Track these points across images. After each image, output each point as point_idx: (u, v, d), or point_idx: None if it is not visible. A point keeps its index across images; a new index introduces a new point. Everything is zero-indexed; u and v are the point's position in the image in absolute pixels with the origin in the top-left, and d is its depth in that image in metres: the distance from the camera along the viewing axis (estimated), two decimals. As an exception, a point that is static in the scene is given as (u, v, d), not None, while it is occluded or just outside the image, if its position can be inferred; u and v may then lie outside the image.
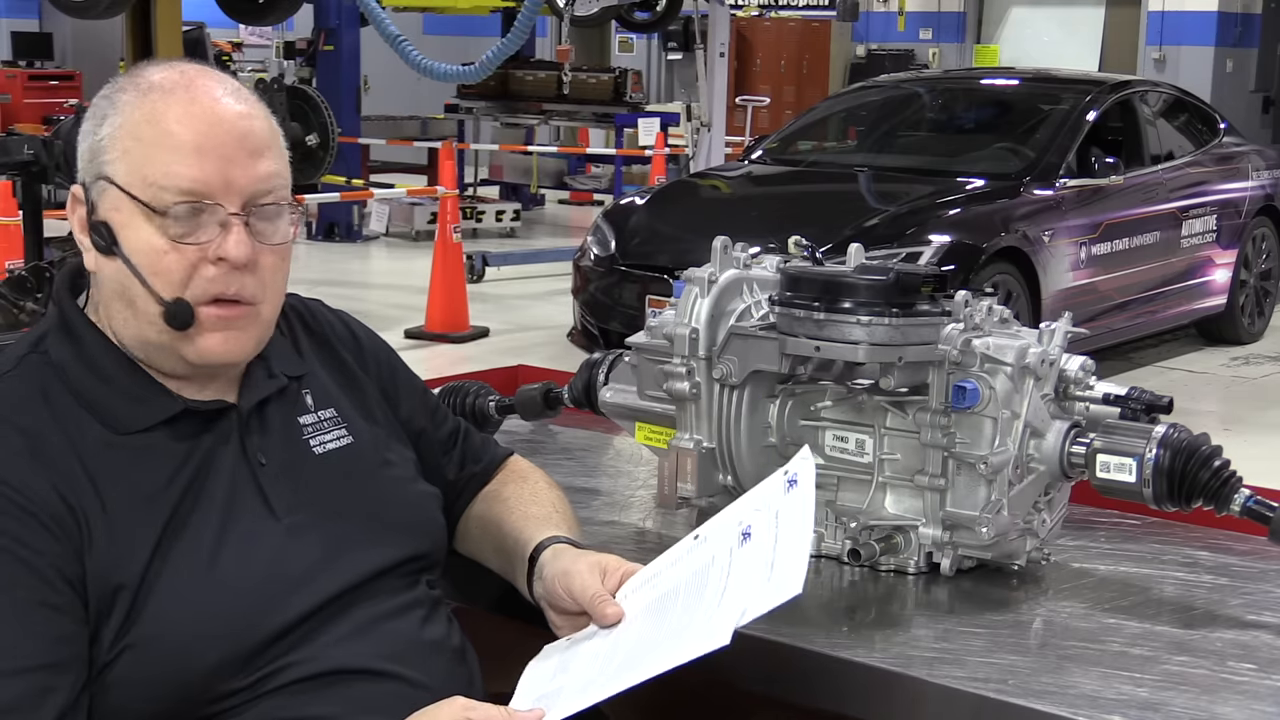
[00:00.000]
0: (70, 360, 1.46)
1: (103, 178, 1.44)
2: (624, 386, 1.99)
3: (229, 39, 16.56)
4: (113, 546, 1.37)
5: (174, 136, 1.42)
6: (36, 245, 6.40)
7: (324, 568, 1.47)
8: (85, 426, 1.42)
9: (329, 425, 1.57)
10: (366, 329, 1.74)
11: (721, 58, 10.35)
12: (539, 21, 12.67)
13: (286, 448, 1.52)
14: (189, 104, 1.44)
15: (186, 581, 1.39)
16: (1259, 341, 8.58)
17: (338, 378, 1.63)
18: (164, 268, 1.43)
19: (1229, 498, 1.65)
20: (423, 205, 11.97)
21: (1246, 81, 16.69)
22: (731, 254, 1.83)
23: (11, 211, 6.77)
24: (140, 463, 1.42)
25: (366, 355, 1.69)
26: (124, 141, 1.43)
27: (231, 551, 1.42)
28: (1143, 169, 7.76)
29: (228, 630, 1.39)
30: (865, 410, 1.78)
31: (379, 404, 1.66)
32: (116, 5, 9.05)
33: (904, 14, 18.06)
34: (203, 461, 1.45)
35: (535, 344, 7.98)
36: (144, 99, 1.44)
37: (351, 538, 1.51)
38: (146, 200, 1.42)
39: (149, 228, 1.42)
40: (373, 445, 1.60)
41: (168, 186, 1.41)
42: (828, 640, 1.56)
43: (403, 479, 1.62)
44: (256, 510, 1.46)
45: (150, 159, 1.42)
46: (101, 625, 1.36)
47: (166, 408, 1.46)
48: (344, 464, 1.55)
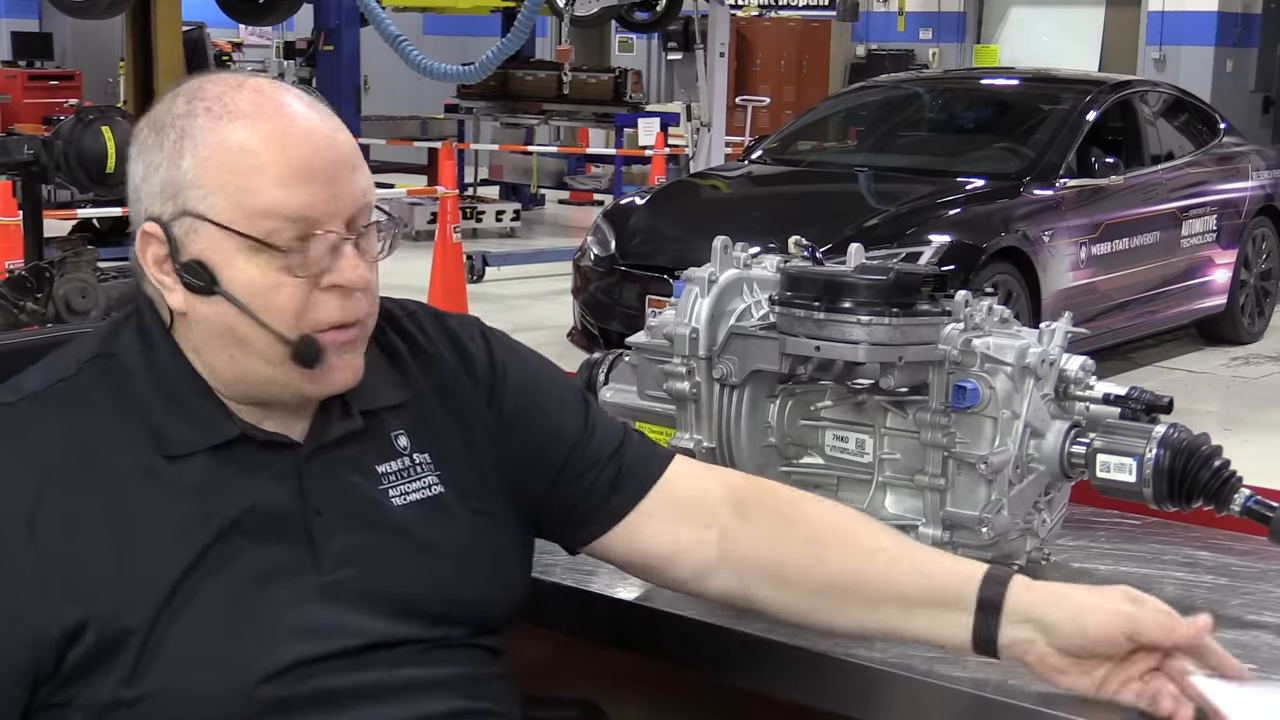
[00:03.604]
0: (140, 369, 1.36)
1: (191, 214, 1.32)
2: (624, 386, 1.99)
3: (229, 39, 16.57)
4: (123, 587, 1.28)
5: (274, 164, 1.31)
6: (36, 245, 6.40)
7: (344, 625, 1.34)
8: (130, 447, 1.33)
9: (421, 470, 1.42)
10: (513, 348, 1.58)
11: (721, 58, 10.36)
12: (539, 21, 12.66)
13: (354, 499, 1.38)
14: (281, 126, 1.32)
15: (206, 629, 1.29)
16: (1259, 341, 8.58)
17: (447, 407, 1.47)
18: (279, 304, 1.32)
19: (1229, 498, 1.65)
20: (423, 205, 11.96)
21: (1246, 81, 16.69)
22: (731, 254, 1.83)
23: (11, 211, 6.77)
24: (179, 494, 1.32)
25: (497, 372, 1.52)
26: (217, 175, 1.31)
27: (264, 603, 1.31)
28: (1143, 169, 7.76)
29: (243, 680, 1.29)
30: (865, 410, 1.78)
31: (493, 432, 1.48)
32: (116, 5, 9.05)
33: (904, 14, 18.06)
34: (251, 501, 1.33)
35: (535, 344, 7.87)
36: (228, 125, 1.32)
37: (396, 603, 1.37)
38: (255, 235, 1.31)
39: (256, 263, 1.32)
40: (466, 491, 1.44)
41: (275, 216, 1.31)
42: (828, 640, 1.56)
43: (489, 532, 1.46)
44: (301, 564, 1.34)
45: (251, 190, 1.31)
46: (101, 671, 1.27)
47: (222, 431, 1.35)
48: (426, 517, 1.40)
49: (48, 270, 5.83)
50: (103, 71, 14.45)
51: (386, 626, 1.36)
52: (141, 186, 1.36)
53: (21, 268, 5.99)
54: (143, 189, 1.35)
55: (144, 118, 1.38)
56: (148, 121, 1.37)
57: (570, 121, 13.63)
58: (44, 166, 6.40)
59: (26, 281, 5.75)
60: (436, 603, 1.39)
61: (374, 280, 1.39)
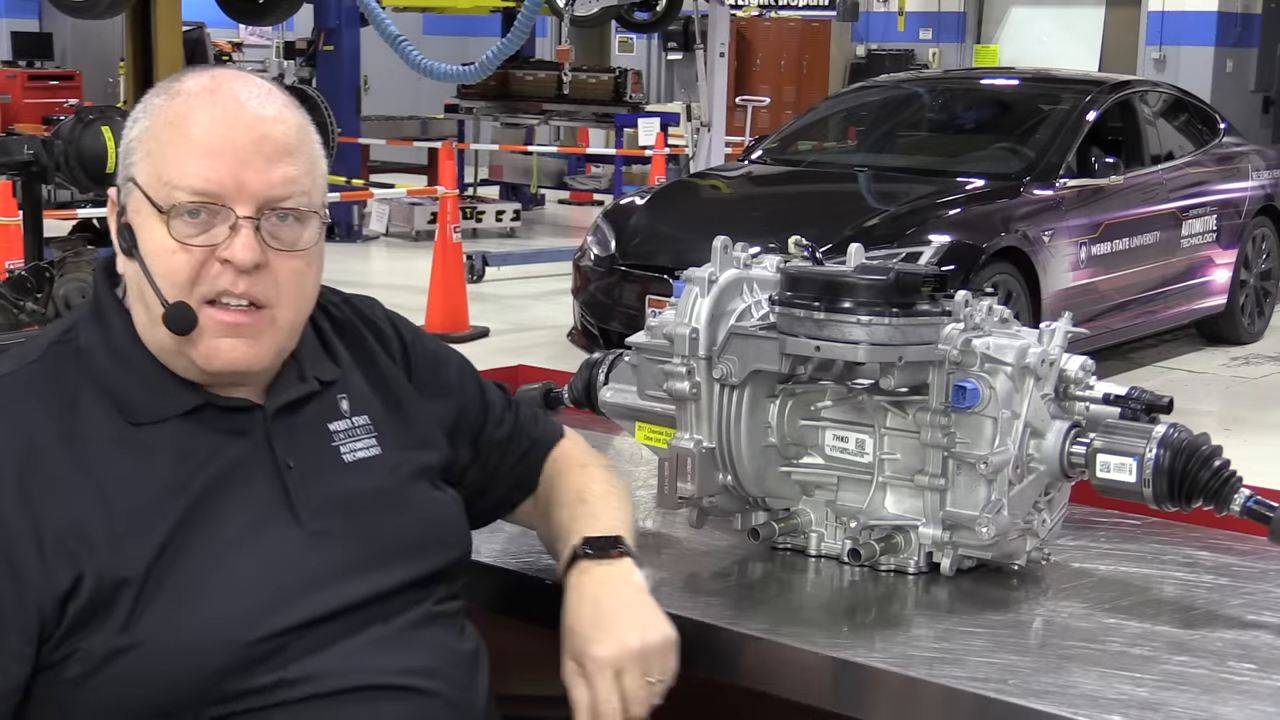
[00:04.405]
0: (98, 345, 1.46)
1: (130, 179, 1.46)
2: (624, 386, 1.99)
3: (229, 39, 16.56)
4: (116, 544, 1.36)
5: (190, 138, 1.43)
6: (36, 245, 6.40)
7: (344, 575, 1.45)
8: (101, 417, 1.41)
9: (360, 433, 1.54)
10: (415, 329, 1.71)
11: (721, 58, 10.36)
12: (539, 21, 12.65)
13: (316, 453, 1.50)
14: (211, 107, 1.44)
15: (197, 581, 1.37)
16: (1259, 341, 8.58)
17: (373, 380, 1.60)
18: (171, 268, 1.43)
19: (1229, 498, 1.65)
20: (423, 205, 11.97)
21: (1246, 81, 16.69)
22: (731, 254, 1.83)
23: (11, 211, 6.77)
24: (155, 457, 1.41)
25: (411, 356, 1.66)
26: (147, 144, 1.45)
27: (249, 554, 1.40)
28: (1143, 169, 7.76)
29: (233, 629, 1.37)
30: (865, 410, 1.78)
31: (416, 407, 1.62)
32: (116, 5, 9.04)
33: (904, 14, 18.06)
34: (225, 460, 1.44)
35: (535, 344, 7.98)
36: (171, 102, 1.46)
37: (375, 549, 1.48)
38: (159, 200, 1.43)
39: (162, 228, 1.43)
40: (402, 455, 1.56)
41: (180, 186, 1.42)
42: (828, 640, 1.57)
43: (428, 489, 1.58)
44: (281, 515, 1.44)
45: (167, 160, 1.43)
46: (98, 620, 1.35)
47: (188, 400, 1.45)
48: (372, 474, 1.52)
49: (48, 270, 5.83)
50: (103, 71, 14.45)
51: (371, 573, 1.46)
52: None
53: (21, 268, 5.99)
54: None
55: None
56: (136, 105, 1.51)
57: (570, 121, 13.62)
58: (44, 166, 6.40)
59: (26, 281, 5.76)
60: (405, 547, 1.50)
61: (295, 270, 1.47)
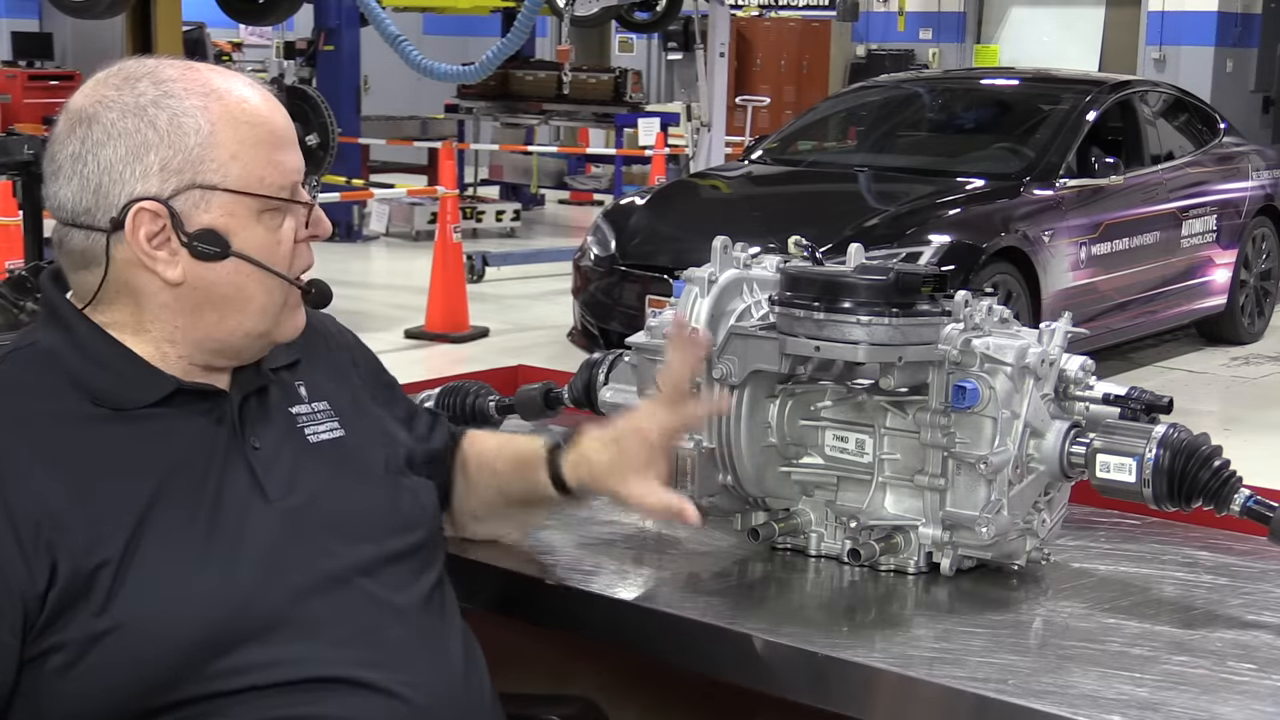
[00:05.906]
0: (62, 344, 1.46)
1: (201, 186, 1.43)
2: (624, 386, 1.99)
3: (229, 39, 16.56)
4: (91, 528, 1.36)
5: (270, 132, 1.47)
6: (36, 245, 6.39)
7: (322, 550, 1.47)
8: (68, 406, 1.42)
9: (321, 417, 1.58)
10: (344, 328, 1.76)
11: (721, 58, 10.35)
12: (539, 21, 12.67)
13: (281, 435, 1.53)
14: (256, 99, 1.48)
15: (173, 558, 1.38)
16: (1259, 341, 8.58)
17: (327, 371, 1.64)
18: (281, 257, 1.48)
19: (1229, 498, 1.65)
20: (423, 205, 11.97)
21: (1246, 81, 16.70)
22: (731, 254, 1.83)
23: (11, 211, 6.76)
24: (125, 442, 1.42)
25: (355, 353, 1.72)
26: (229, 146, 1.44)
27: (223, 531, 1.42)
28: (1143, 169, 7.76)
29: (208, 604, 1.38)
30: (865, 410, 1.78)
31: (369, 399, 1.67)
32: (116, 5, 9.04)
33: (904, 14, 18.07)
34: (193, 442, 1.45)
35: (535, 344, 7.98)
36: (218, 102, 1.45)
37: (349, 524, 1.51)
38: (271, 195, 1.46)
39: (259, 224, 1.46)
40: (365, 439, 1.60)
41: (273, 181, 1.46)
42: (828, 640, 1.56)
43: (394, 471, 1.62)
44: (249, 493, 1.46)
45: (260, 158, 1.46)
46: (77, 605, 1.35)
47: (159, 387, 1.46)
48: (337, 455, 1.56)
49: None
50: (103, 72, 14.42)
51: (346, 548, 1.49)
52: (123, 170, 1.43)
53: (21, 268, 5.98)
54: (125, 172, 1.43)
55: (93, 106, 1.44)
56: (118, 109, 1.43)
57: (570, 121, 13.63)
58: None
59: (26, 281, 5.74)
60: (375, 524, 1.53)
61: None
